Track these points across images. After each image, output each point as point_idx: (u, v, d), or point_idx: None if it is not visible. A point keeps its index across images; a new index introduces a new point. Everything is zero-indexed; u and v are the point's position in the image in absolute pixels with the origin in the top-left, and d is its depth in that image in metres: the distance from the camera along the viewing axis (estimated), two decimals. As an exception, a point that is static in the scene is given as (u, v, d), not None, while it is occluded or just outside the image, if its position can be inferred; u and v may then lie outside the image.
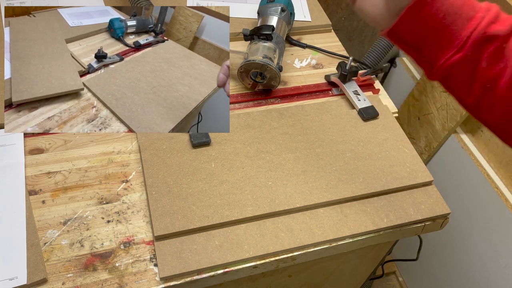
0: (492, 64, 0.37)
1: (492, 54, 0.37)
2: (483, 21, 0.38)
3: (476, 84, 0.38)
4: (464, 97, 0.40)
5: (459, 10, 0.38)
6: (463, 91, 0.40)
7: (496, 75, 0.37)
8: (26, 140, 0.75)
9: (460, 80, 0.39)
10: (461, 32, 0.38)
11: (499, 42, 0.37)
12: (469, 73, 0.38)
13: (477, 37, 0.37)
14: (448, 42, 0.38)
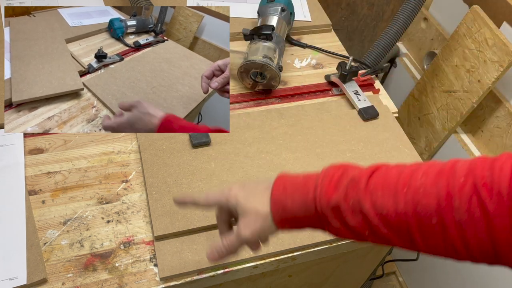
0: (352, 220, 0.45)
1: (347, 215, 0.45)
2: (321, 198, 0.46)
3: (362, 237, 0.46)
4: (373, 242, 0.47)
5: (301, 201, 0.47)
6: (367, 240, 0.46)
7: (362, 225, 0.44)
8: (26, 140, 0.75)
9: (352, 237, 0.47)
10: (317, 214, 0.47)
11: (344, 204, 0.45)
12: (349, 233, 0.46)
13: (326, 211, 0.46)
14: (319, 223, 0.48)
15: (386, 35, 0.99)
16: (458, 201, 0.39)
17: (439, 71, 1.16)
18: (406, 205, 0.41)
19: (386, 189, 0.43)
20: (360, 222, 0.44)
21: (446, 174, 0.40)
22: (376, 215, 0.43)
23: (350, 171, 0.46)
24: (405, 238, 0.43)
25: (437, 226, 0.40)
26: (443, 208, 0.39)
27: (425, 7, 1.28)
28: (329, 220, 0.46)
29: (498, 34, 0.97)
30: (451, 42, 1.11)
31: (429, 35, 1.27)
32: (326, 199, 0.46)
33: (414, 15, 1.00)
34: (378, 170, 0.45)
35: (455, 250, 0.40)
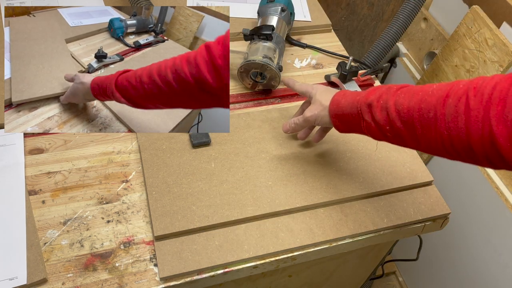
0: (379, 116, 0.57)
1: (375, 111, 0.58)
2: (362, 98, 0.60)
3: (384, 132, 0.58)
4: (387, 141, 0.60)
5: (350, 100, 0.62)
6: (384, 139, 0.59)
7: (385, 119, 0.57)
8: (26, 140, 0.75)
9: (377, 134, 0.59)
10: (357, 110, 0.61)
11: (375, 102, 0.58)
12: (376, 128, 0.59)
13: (363, 107, 0.60)
14: (358, 119, 0.61)
15: (386, 35, 0.99)
16: (451, 99, 0.49)
17: (439, 71, 1.16)
18: (416, 103, 0.53)
19: (407, 93, 0.55)
20: (384, 117, 0.57)
21: (452, 84, 0.51)
22: (394, 111, 0.55)
23: (391, 85, 0.59)
24: (411, 130, 0.54)
25: (432, 119, 0.51)
26: (439, 104, 0.50)
27: (425, 7, 1.28)
28: (363, 115, 0.59)
29: (498, 34, 0.97)
30: (451, 42, 1.11)
31: (429, 35, 1.27)
32: (365, 99, 0.59)
33: (414, 15, 1.00)
34: (411, 85, 0.57)
35: (442, 141, 0.50)
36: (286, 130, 0.75)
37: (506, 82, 0.46)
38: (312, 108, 0.69)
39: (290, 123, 0.74)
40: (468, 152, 0.48)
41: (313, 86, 0.72)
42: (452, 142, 0.49)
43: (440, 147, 0.51)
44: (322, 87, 0.71)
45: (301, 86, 0.75)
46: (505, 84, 0.45)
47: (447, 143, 0.50)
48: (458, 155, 0.50)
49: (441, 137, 0.50)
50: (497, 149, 0.45)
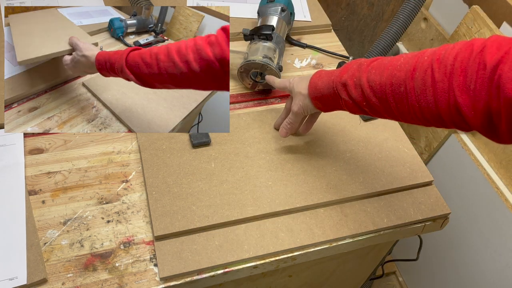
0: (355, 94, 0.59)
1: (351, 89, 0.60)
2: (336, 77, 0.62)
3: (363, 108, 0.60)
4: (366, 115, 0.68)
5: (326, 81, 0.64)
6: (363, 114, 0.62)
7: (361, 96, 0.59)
8: (26, 140, 0.75)
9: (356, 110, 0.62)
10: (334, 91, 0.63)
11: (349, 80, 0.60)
12: (354, 105, 0.61)
13: (339, 87, 0.62)
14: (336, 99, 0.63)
15: (386, 35, 0.99)
16: (418, 73, 0.51)
17: (439, 71, 1.16)
18: (387, 78, 0.55)
19: (378, 68, 0.57)
20: (360, 94, 0.59)
21: (418, 55, 0.53)
22: (368, 87, 0.57)
23: (362, 60, 0.61)
24: (386, 105, 0.56)
25: (403, 93, 0.53)
26: (408, 78, 0.52)
27: (425, 7, 1.27)
28: (340, 94, 0.61)
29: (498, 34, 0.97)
30: (451, 42, 1.11)
31: (429, 35, 1.27)
32: (339, 78, 0.61)
33: (414, 15, 1.00)
34: (380, 58, 0.59)
35: (415, 113, 0.53)
36: (283, 134, 0.75)
37: (466, 51, 0.48)
38: (295, 101, 0.71)
39: (285, 126, 0.74)
40: (438, 120, 0.52)
41: (289, 80, 0.73)
42: (423, 112, 0.52)
43: (413, 117, 0.54)
44: (297, 78, 0.72)
45: (280, 83, 0.76)
46: (465, 54, 0.48)
47: (419, 114, 0.53)
48: (430, 123, 0.53)
49: (413, 108, 0.53)
50: (462, 117, 0.48)
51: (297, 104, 0.70)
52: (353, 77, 0.59)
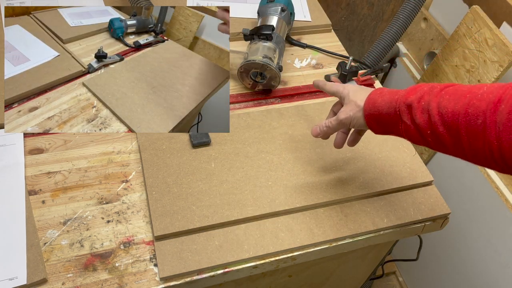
0: (419, 118, 0.52)
1: (416, 113, 0.53)
2: (402, 97, 0.55)
3: (424, 137, 0.53)
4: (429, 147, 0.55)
5: (388, 100, 0.57)
6: (425, 144, 0.55)
7: (426, 122, 0.52)
8: (26, 140, 0.75)
9: (417, 138, 0.54)
10: (395, 111, 0.56)
11: (416, 103, 0.53)
12: (415, 131, 0.54)
13: (402, 108, 0.54)
14: (395, 120, 0.56)
15: (386, 35, 0.99)
16: (504, 105, 0.44)
17: (439, 71, 1.16)
18: (462, 107, 0.48)
19: (452, 95, 0.50)
20: (425, 119, 0.52)
21: (506, 86, 0.46)
22: (437, 114, 0.50)
23: (434, 84, 0.54)
24: (455, 137, 0.49)
25: (480, 126, 0.46)
26: (489, 110, 0.45)
27: (425, 7, 1.27)
28: (402, 117, 0.55)
29: (498, 34, 0.97)
30: (451, 42, 1.11)
31: (429, 35, 1.27)
32: (405, 98, 0.54)
33: (414, 15, 1.00)
34: (457, 85, 0.52)
35: (491, 151, 0.45)
36: (316, 134, 0.68)
37: None
38: (346, 109, 0.64)
39: (322, 126, 0.68)
40: None
41: (344, 86, 0.67)
42: (502, 153, 0.44)
43: (488, 157, 0.46)
44: (355, 86, 0.66)
45: (332, 86, 0.69)
46: None
47: (497, 155, 0.45)
48: (508, 167, 0.46)
49: (489, 147, 0.45)
50: None
51: (347, 113, 0.63)
52: (421, 99, 0.52)
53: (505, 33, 0.97)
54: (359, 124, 0.63)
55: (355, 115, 0.63)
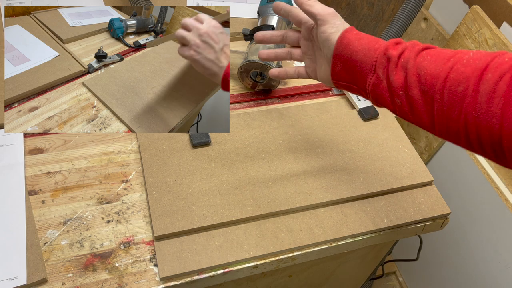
0: (395, 75, 0.47)
1: (393, 68, 0.48)
2: (382, 48, 0.50)
3: (393, 97, 0.48)
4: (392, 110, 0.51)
5: (366, 46, 0.51)
6: (389, 106, 0.50)
7: (401, 81, 0.47)
8: (26, 140, 0.75)
9: (384, 96, 0.50)
10: (371, 60, 0.50)
11: (396, 58, 0.48)
12: (386, 89, 0.49)
13: (381, 59, 0.49)
14: (366, 70, 0.50)
15: (386, 35, 0.99)
16: (491, 74, 0.39)
17: (439, 71, 1.16)
18: (444, 70, 0.43)
19: (435, 56, 0.46)
20: (401, 78, 0.47)
21: (495, 54, 0.42)
22: (415, 74, 0.46)
23: (415, 41, 0.50)
24: (428, 102, 0.44)
25: (460, 94, 0.41)
26: (474, 77, 0.40)
27: (425, 7, 1.27)
28: (377, 69, 0.49)
29: (498, 34, 0.97)
30: (451, 42, 1.11)
31: (429, 35, 1.27)
32: (386, 50, 0.49)
33: (414, 15, 1.00)
34: (437, 48, 0.48)
35: (465, 124, 0.41)
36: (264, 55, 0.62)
37: None
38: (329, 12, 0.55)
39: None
40: (494, 146, 0.39)
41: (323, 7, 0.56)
42: (478, 128, 0.40)
43: (461, 130, 0.42)
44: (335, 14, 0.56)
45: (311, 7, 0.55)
46: None
47: (471, 128, 0.41)
48: (479, 147, 0.41)
49: (465, 118, 0.41)
50: None
51: (326, 9, 0.54)
52: (401, 56, 0.47)
53: (505, 33, 0.97)
54: (325, 39, 0.54)
55: (337, 28, 0.54)
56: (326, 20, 0.54)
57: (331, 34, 0.53)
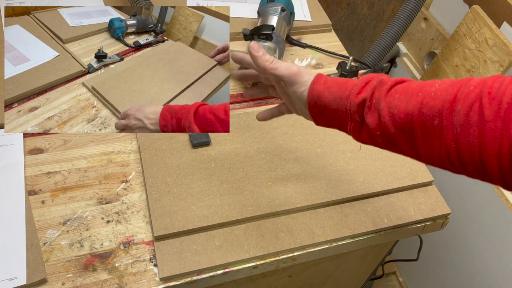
0: (369, 118, 0.49)
1: (367, 112, 0.49)
2: (352, 95, 0.50)
3: (374, 137, 0.50)
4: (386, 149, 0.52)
5: (337, 95, 0.51)
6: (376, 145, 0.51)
7: (376, 123, 0.48)
8: (26, 140, 0.75)
9: (365, 138, 0.51)
10: (345, 108, 0.51)
11: (368, 101, 0.49)
12: (365, 131, 0.50)
13: (353, 107, 0.50)
14: (344, 118, 0.52)
15: (386, 35, 0.99)
16: (460, 106, 0.41)
17: (439, 71, 1.16)
18: (415, 106, 0.44)
19: (403, 93, 0.46)
20: (376, 120, 0.48)
21: (460, 84, 0.43)
22: (387, 114, 0.47)
23: (383, 77, 0.50)
24: (408, 138, 0.46)
25: (437, 128, 0.43)
26: (445, 110, 0.42)
27: (425, 7, 1.27)
28: (353, 117, 0.51)
29: (498, 34, 0.97)
30: (451, 42, 1.11)
31: (429, 35, 1.27)
32: (355, 97, 0.50)
33: (414, 15, 1.00)
34: (406, 81, 0.49)
35: (448, 154, 0.43)
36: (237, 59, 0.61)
37: None
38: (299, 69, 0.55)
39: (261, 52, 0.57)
40: (478, 168, 0.42)
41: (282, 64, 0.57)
42: (460, 155, 0.42)
43: (444, 159, 0.44)
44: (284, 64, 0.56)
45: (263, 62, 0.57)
46: None
47: (453, 156, 0.43)
48: (465, 170, 0.43)
49: (446, 149, 0.43)
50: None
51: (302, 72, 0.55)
52: (371, 98, 0.49)
53: (506, 33, 0.97)
54: (299, 97, 0.55)
55: (298, 99, 0.55)
56: (294, 81, 0.55)
57: (302, 93, 0.55)
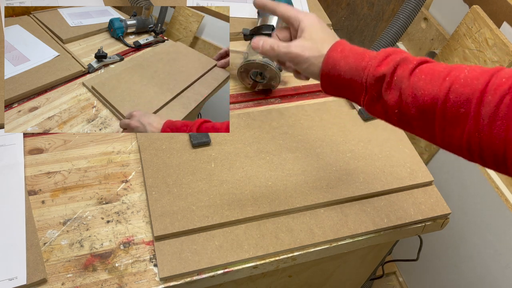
0: (389, 95, 0.47)
1: (386, 88, 0.47)
2: (371, 67, 0.48)
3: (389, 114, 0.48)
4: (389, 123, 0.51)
5: (354, 65, 0.49)
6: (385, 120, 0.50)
7: (395, 101, 0.47)
8: (26, 140, 0.75)
9: (379, 113, 0.50)
10: (361, 80, 0.49)
11: (388, 78, 0.47)
12: (380, 106, 0.49)
13: (371, 80, 0.48)
14: (359, 90, 0.50)
15: (386, 35, 0.99)
16: (491, 97, 0.40)
17: (439, 71, 1.16)
18: (441, 90, 0.43)
19: (430, 75, 0.45)
20: (395, 98, 0.47)
21: (491, 73, 0.42)
22: (410, 95, 0.45)
23: (406, 54, 0.48)
24: (428, 121, 0.45)
25: (462, 115, 0.41)
26: (475, 99, 0.41)
27: (425, 7, 1.27)
28: (369, 89, 0.48)
29: (498, 34, 0.97)
30: (451, 42, 1.11)
31: (429, 35, 1.27)
32: (374, 70, 0.48)
33: (414, 15, 0.99)
34: (430, 61, 0.47)
35: (468, 143, 0.42)
36: (256, 47, 0.58)
37: None
38: (302, 44, 0.53)
39: (266, 44, 0.56)
40: (498, 160, 0.41)
41: (305, 14, 0.55)
42: (481, 146, 0.41)
43: (464, 147, 0.43)
44: (316, 19, 0.55)
45: (288, 10, 0.57)
46: None
47: (475, 146, 0.41)
48: (481, 159, 0.42)
49: (468, 137, 0.42)
50: None
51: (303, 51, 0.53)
52: (393, 74, 0.47)
53: (506, 33, 0.97)
54: (310, 72, 0.53)
55: (312, 60, 0.52)
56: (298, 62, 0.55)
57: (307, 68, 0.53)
